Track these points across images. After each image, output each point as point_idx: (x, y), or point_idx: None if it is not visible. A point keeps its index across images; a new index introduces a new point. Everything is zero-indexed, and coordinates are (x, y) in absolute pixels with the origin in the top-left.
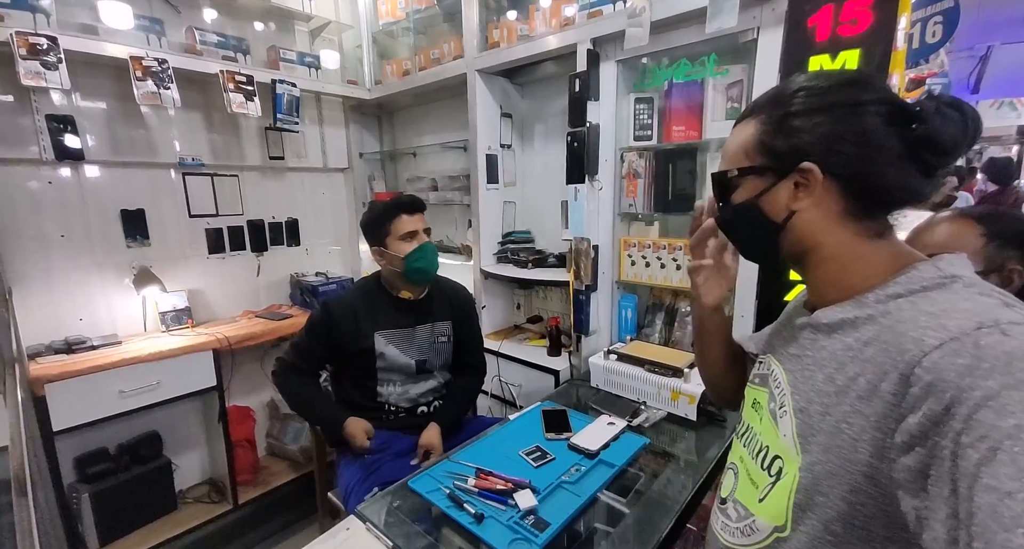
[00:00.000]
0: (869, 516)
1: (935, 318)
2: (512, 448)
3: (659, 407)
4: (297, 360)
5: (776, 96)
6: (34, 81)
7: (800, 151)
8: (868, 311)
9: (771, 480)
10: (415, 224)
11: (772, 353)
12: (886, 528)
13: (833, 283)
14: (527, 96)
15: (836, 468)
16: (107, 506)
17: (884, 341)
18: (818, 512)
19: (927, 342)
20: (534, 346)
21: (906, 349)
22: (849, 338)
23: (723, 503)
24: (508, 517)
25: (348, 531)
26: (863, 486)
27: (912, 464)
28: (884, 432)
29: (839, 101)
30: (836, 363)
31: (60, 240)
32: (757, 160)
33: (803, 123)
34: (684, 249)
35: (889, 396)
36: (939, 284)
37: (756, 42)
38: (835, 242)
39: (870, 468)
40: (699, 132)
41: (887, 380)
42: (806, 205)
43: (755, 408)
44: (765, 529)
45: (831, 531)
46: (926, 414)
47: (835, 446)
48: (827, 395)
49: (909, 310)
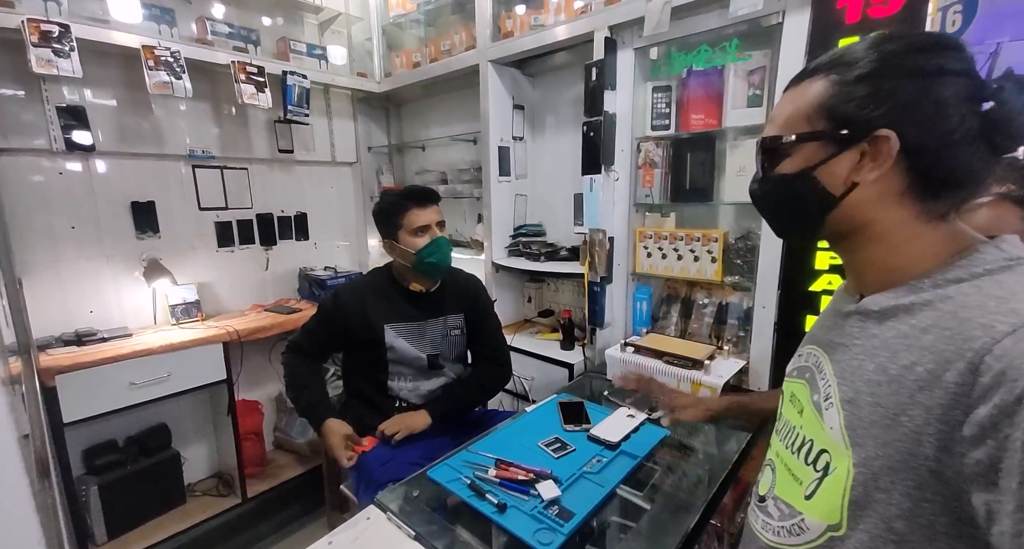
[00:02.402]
0: (936, 513)
1: (1004, 302)
2: (531, 439)
3: None
4: (304, 343)
5: (846, 56)
6: (46, 69)
7: (873, 119)
8: (925, 296)
9: (817, 475)
10: (428, 217)
11: (817, 343)
12: (952, 525)
13: (882, 265)
14: (539, 87)
15: (897, 463)
16: (115, 499)
17: (946, 327)
18: (879, 510)
19: (998, 328)
20: (546, 339)
21: (973, 336)
22: (904, 325)
23: (762, 501)
24: (531, 507)
25: (368, 521)
26: (929, 481)
27: (983, 457)
28: (951, 425)
29: (918, 67)
30: (889, 351)
31: (70, 232)
32: (820, 125)
33: (880, 87)
34: (702, 239)
35: (954, 386)
36: (1004, 266)
37: (781, 26)
38: (890, 220)
39: (937, 463)
40: (718, 120)
41: (952, 369)
42: (871, 178)
43: (793, 402)
44: (817, 528)
45: (893, 530)
46: (997, 404)
47: (895, 440)
48: (878, 385)
49: (974, 295)
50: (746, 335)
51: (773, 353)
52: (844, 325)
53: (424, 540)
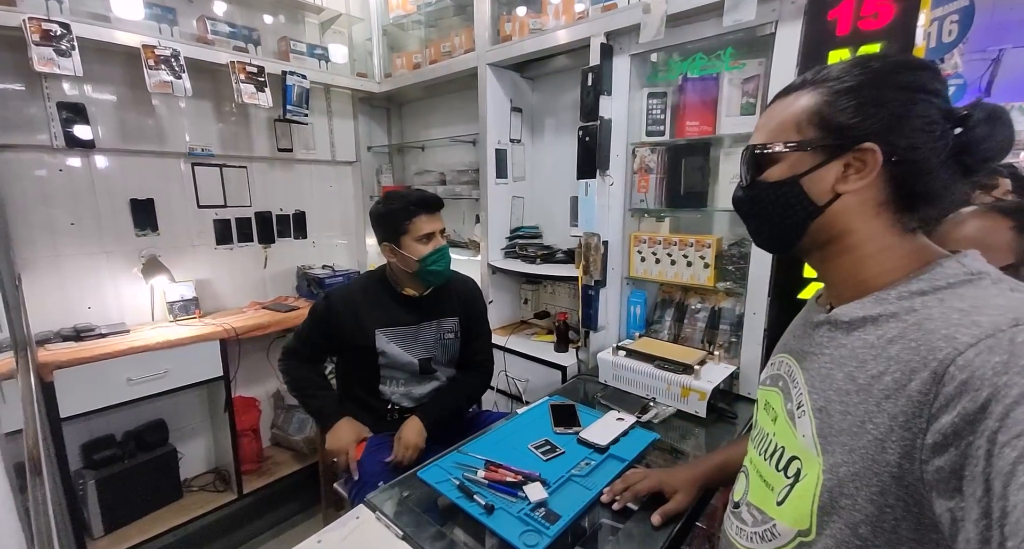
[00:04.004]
0: (898, 518)
1: (966, 315)
2: (521, 441)
3: (668, 403)
4: (300, 347)
5: (833, 71)
6: (47, 67)
7: (861, 129)
8: (891, 308)
9: (788, 482)
10: (434, 225)
11: (789, 352)
12: (915, 530)
13: (851, 276)
14: (537, 90)
15: (862, 469)
16: (112, 493)
17: (911, 339)
18: (844, 515)
19: (961, 339)
20: (541, 341)
21: (937, 347)
22: (870, 336)
23: (736, 507)
24: (518, 509)
25: (358, 520)
26: (891, 487)
27: (945, 465)
28: (913, 432)
29: (911, 83)
30: (857, 361)
31: (70, 228)
32: (810, 134)
33: (867, 100)
34: (696, 245)
35: (918, 395)
36: (966, 280)
37: (774, 36)
38: (866, 231)
39: (899, 469)
40: (713, 127)
41: (916, 379)
42: (856, 188)
43: (767, 410)
44: (788, 534)
45: (858, 535)
46: (960, 413)
47: (859, 447)
48: (847, 393)
49: (937, 307)
50: (738, 340)
51: (763, 359)
52: (814, 335)
53: (412, 540)
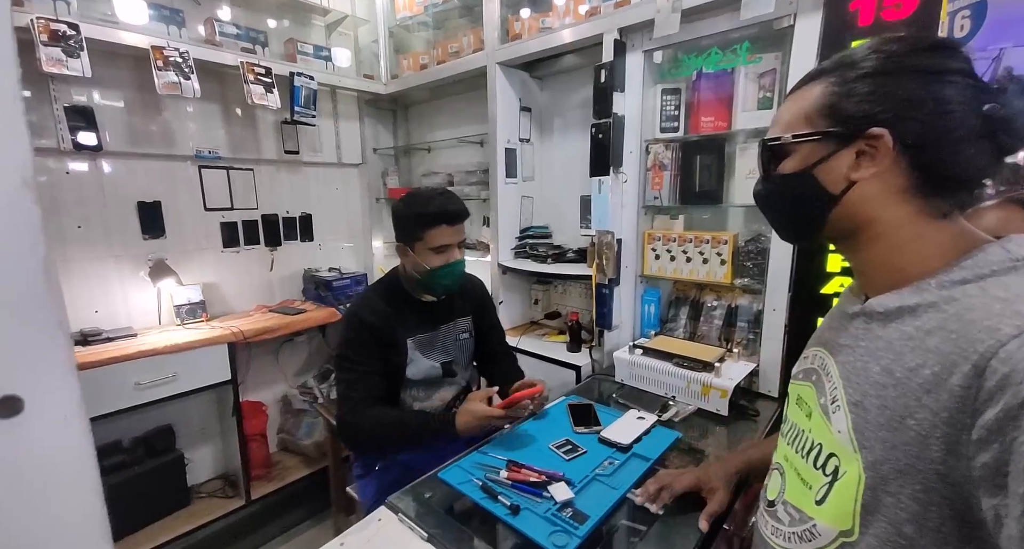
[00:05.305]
0: (944, 517)
1: (1009, 305)
2: (541, 441)
3: (688, 402)
4: (355, 394)
5: (847, 58)
6: (56, 68)
7: (870, 116)
8: (930, 297)
9: (827, 480)
10: (452, 237)
11: (823, 345)
12: (961, 529)
13: (886, 265)
14: (546, 89)
15: (905, 466)
16: (120, 500)
17: (950, 330)
18: (887, 514)
19: (1003, 331)
20: (553, 342)
21: (978, 339)
22: (908, 327)
23: (771, 506)
24: (545, 509)
25: (380, 522)
26: (936, 485)
27: (989, 461)
28: (957, 428)
29: (920, 66)
30: (893, 353)
31: (77, 231)
32: (819, 125)
33: (877, 86)
34: (712, 242)
35: (960, 389)
36: (1011, 267)
37: (792, 28)
38: (893, 218)
39: (944, 466)
40: (728, 123)
41: (957, 373)
42: (868, 176)
43: (799, 405)
44: (829, 533)
45: (903, 534)
46: (1003, 408)
47: (901, 443)
48: (884, 387)
49: (979, 297)
50: (756, 338)
51: (784, 356)
52: (849, 327)
53: (437, 541)
